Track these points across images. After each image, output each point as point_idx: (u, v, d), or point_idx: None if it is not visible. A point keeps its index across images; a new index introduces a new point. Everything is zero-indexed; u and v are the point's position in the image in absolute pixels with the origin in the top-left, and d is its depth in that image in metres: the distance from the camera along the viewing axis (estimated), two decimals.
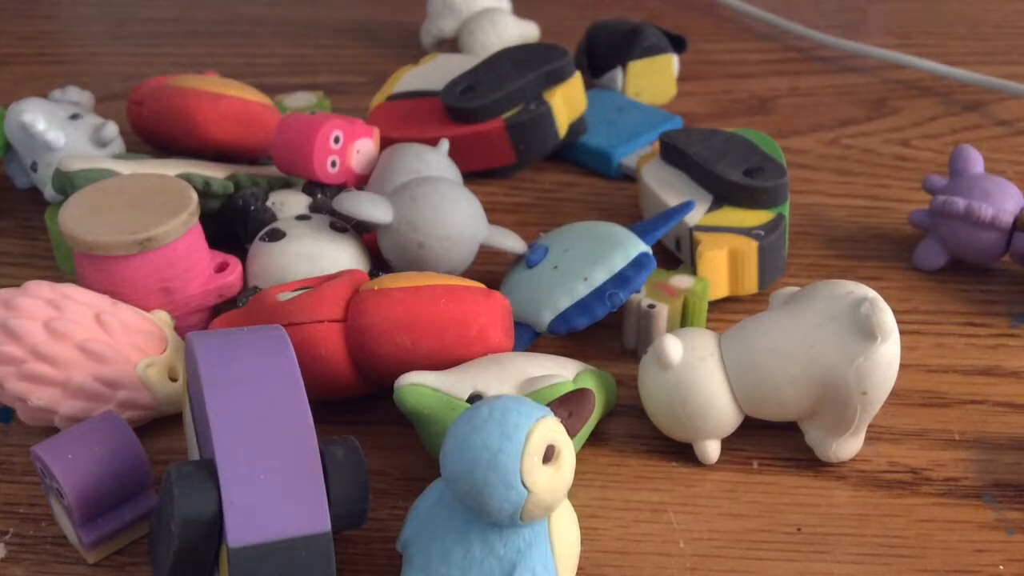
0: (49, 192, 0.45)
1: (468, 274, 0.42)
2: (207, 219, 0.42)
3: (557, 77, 0.50)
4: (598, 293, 0.39)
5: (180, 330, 0.40)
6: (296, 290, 0.37)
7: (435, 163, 0.45)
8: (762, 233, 0.42)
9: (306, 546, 0.28)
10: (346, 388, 0.37)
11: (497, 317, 0.36)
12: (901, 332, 0.34)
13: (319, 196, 0.45)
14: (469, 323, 0.36)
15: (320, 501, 0.28)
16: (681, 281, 0.41)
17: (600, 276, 0.39)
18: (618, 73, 0.57)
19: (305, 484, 0.28)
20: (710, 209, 0.43)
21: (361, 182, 0.47)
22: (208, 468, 0.28)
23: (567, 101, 0.50)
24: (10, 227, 0.50)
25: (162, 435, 0.38)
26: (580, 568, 0.32)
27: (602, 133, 0.53)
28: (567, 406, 0.31)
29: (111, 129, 0.47)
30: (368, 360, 0.36)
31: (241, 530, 0.27)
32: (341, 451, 0.30)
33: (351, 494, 0.30)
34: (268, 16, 0.71)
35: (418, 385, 0.34)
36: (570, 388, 0.35)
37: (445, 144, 0.47)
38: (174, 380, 0.37)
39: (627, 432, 0.38)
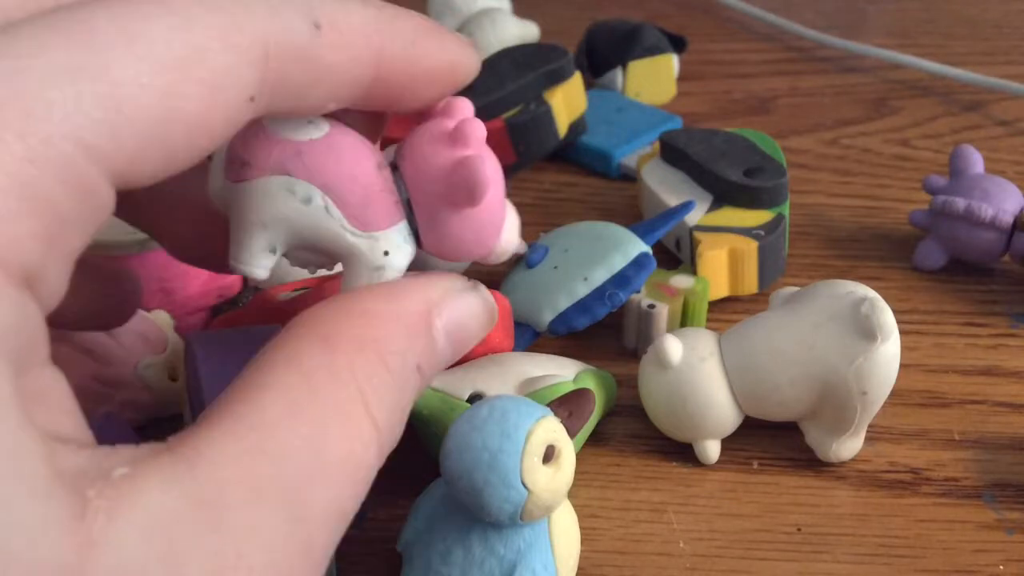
0: None
1: (468, 274, 0.42)
2: None
3: (557, 77, 0.50)
4: (598, 293, 0.39)
5: (180, 330, 0.40)
6: (296, 290, 0.37)
7: None
8: (762, 233, 0.42)
9: None
10: None
11: (497, 318, 0.36)
12: (901, 332, 0.34)
13: None
14: None
15: None
16: (681, 281, 0.41)
17: (600, 276, 0.39)
18: (618, 73, 0.57)
19: None
20: (710, 209, 0.43)
21: None
22: None
23: (567, 101, 0.50)
24: None
25: (162, 435, 0.38)
26: (580, 568, 0.32)
27: (602, 133, 0.53)
28: (567, 406, 0.31)
29: None
30: None
31: None
32: None
33: None
34: None
35: None
36: (570, 388, 0.35)
37: None
38: (174, 380, 0.37)
39: (627, 432, 0.38)
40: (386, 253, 0.23)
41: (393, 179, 0.23)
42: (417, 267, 0.41)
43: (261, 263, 0.22)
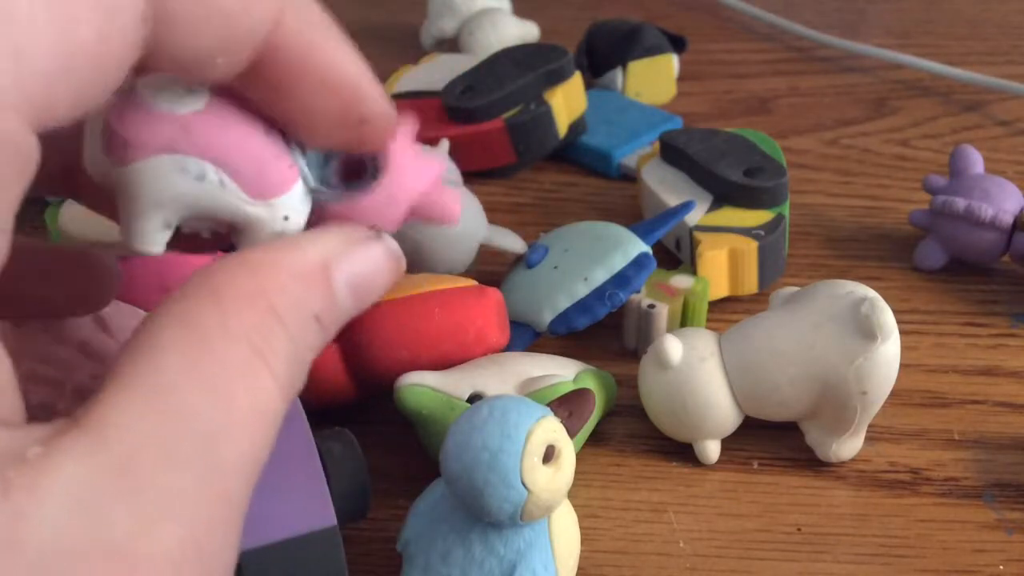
0: None
1: (468, 274, 0.42)
2: None
3: (557, 77, 0.50)
4: (598, 293, 0.39)
5: None
6: None
7: None
8: (762, 233, 0.42)
9: (315, 542, 0.28)
10: (347, 400, 0.37)
11: (492, 315, 0.36)
12: (901, 332, 0.34)
13: None
14: (466, 328, 0.36)
15: (323, 496, 0.28)
16: (681, 281, 0.41)
17: (600, 276, 0.39)
18: (618, 73, 0.57)
19: (307, 481, 0.28)
20: (710, 209, 0.43)
21: None
22: None
23: (567, 101, 0.50)
24: None
25: None
26: (580, 568, 0.32)
27: (602, 133, 0.53)
28: (567, 406, 0.31)
29: None
30: (368, 376, 0.36)
31: (249, 533, 0.27)
32: (337, 446, 0.30)
33: (352, 487, 0.30)
34: None
35: (418, 385, 0.34)
36: (570, 388, 0.35)
37: (445, 144, 0.47)
38: None
39: (627, 432, 0.38)
40: (286, 218, 0.22)
41: (283, 140, 0.22)
42: (416, 268, 0.41)
43: (157, 240, 0.22)
